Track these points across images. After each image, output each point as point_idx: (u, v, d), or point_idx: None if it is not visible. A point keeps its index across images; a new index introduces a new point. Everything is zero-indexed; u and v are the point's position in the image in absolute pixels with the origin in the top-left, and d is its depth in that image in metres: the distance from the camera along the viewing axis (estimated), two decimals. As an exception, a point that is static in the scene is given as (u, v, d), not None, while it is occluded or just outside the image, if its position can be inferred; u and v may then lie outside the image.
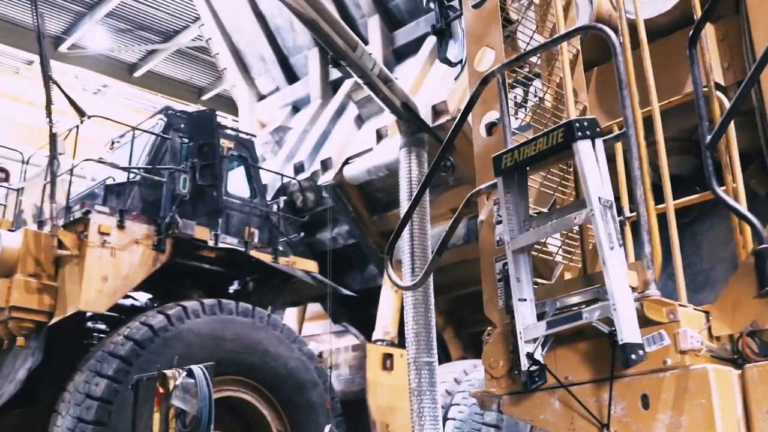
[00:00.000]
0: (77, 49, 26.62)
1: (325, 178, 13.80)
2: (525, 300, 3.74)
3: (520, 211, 3.86)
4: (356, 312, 15.63)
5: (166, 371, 8.02)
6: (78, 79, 26.09)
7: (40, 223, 10.71)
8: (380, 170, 13.31)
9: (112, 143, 12.29)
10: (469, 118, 4.76)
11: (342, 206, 13.92)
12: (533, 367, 3.66)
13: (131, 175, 10.64)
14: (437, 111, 12.67)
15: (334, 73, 15.90)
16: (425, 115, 12.93)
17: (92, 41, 26.79)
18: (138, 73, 28.32)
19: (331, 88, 16.01)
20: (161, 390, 7.91)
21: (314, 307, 15.50)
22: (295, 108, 16.62)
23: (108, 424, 9.32)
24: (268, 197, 12.94)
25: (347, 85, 15.40)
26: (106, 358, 9.67)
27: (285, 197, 12.97)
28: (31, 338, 10.04)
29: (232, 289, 12.35)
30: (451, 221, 4.36)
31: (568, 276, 4.63)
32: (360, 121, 14.61)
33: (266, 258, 11.39)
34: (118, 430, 9.33)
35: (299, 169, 14.39)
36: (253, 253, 11.25)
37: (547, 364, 3.73)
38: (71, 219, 10.19)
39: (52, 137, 9.97)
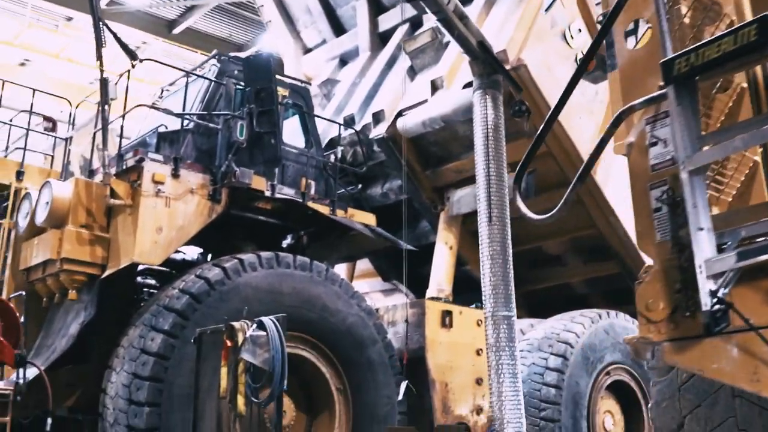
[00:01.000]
0: (116, 5, 25.94)
1: (378, 131, 13.18)
2: (703, 229, 3.13)
3: (692, 126, 3.24)
4: (408, 268, 15.09)
5: (233, 323, 7.47)
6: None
7: (91, 173, 10.18)
8: (436, 122, 12.68)
9: (162, 91, 11.71)
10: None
11: (394, 160, 13.32)
12: (717, 307, 3.06)
13: (184, 123, 10.06)
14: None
15: (383, 25, 15.30)
16: (483, 64, 12.33)
17: (131, -3, 26.16)
18: (177, 30, 27.59)
19: (379, 40, 15.34)
20: (229, 343, 7.35)
21: (363, 265, 14.99)
22: (343, 61, 15.95)
23: (164, 380, 8.82)
24: (317, 151, 12.36)
25: (397, 36, 14.76)
26: (161, 312, 9.16)
27: (341, 148, 12.34)
28: (83, 292, 9.55)
29: (285, 243, 11.80)
30: (597, 144, 3.73)
31: (716, 210, 4.01)
32: (413, 72, 13.95)
33: (324, 210, 10.82)
34: (174, 386, 8.84)
35: (349, 122, 13.77)
36: (311, 204, 10.68)
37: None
38: (124, 167, 9.64)
39: (103, 82, 9.38)
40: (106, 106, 9.35)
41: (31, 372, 9.14)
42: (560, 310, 13.47)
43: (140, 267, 10.22)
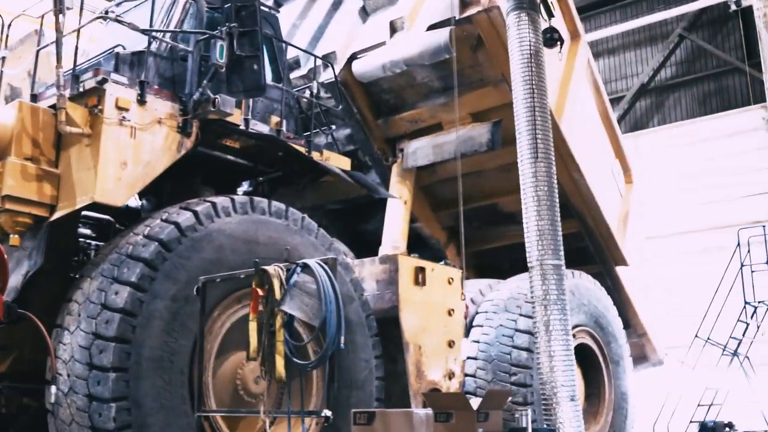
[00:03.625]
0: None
1: (328, 75, 11.63)
2: None
3: None
4: (344, 226, 13.68)
5: (266, 267, 5.88)
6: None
7: (33, 98, 8.28)
8: (397, 65, 11.32)
9: (106, 12, 9.77)
10: None
11: (346, 107, 11.84)
12: None
13: (144, 44, 8.26)
14: (465, 1, 10.73)
15: (324, -35, 13.74)
16: (448, 6, 11.03)
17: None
18: None
19: (320, -21, 13.74)
20: (260, 292, 5.77)
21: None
22: (278, 2, 14.25)
23: (132, 341, 7.15)
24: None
25: (344, -25, 13.25)
26: (125, 262, 7.45)
27: (315, 83, 10.71)
28: (27, 237, 7.70)
29: (240, 190, 10.16)
30: None
31: None
32: (364, 13, 12.48)
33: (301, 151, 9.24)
34: (144, 348, 7.19)
35: (293, 65, 12.16)
36: (293, 145, 9.07)
37: None
38: (80, 90, 7.80)
39: (57, -15, 7.52)
40: (61, 16, 7.49)
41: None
42: (509, 271, 12.38)
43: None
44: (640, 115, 24.00)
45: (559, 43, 7.99)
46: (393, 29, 11.61)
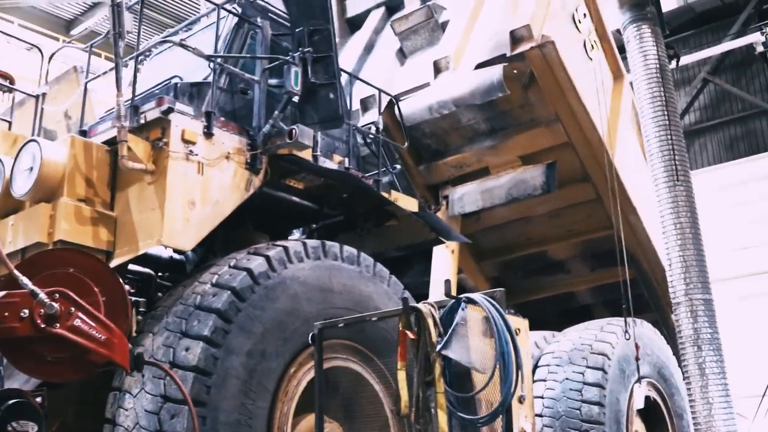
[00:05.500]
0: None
1: (368, 119, 10.71)
2: None
3: None
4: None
5: (417, 305, 4.83)
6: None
7: (83, 133, 7.24)
8: (446, 106, 10.46)
9: (149, 51, 8.79)
10: None
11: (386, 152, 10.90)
12: None
13: (206, 74, 7.28)
14: (516, 38, 9.94)
15: (351, 9, 12.95)
16: (497, 43, 10.28)
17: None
18: (75, 30, 22.96)
19: (348, 26, 12.94)
20: (411, 335, 4.72)
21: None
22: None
23: (207, 404, 6.04)
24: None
25: (373, 20, 12.45)
26: (194, 314, 6.35)
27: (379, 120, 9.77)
28: (79, 287, 6.59)
29: (292, 238, 9.12)
30: None
31: None
32: (402, 56, 11.64)
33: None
34: (220, 412, 6.09)
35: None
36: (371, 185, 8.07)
37: None
38: (141, 121, 6.76)
39: (116, 7, 6.53)
40: (121, 39, 6.50)
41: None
42: (560, 323, 11.40)
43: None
44: (666, 161, 23.27)
45: (674, 60, 7.12)
46: (437, 69, 10.76)
